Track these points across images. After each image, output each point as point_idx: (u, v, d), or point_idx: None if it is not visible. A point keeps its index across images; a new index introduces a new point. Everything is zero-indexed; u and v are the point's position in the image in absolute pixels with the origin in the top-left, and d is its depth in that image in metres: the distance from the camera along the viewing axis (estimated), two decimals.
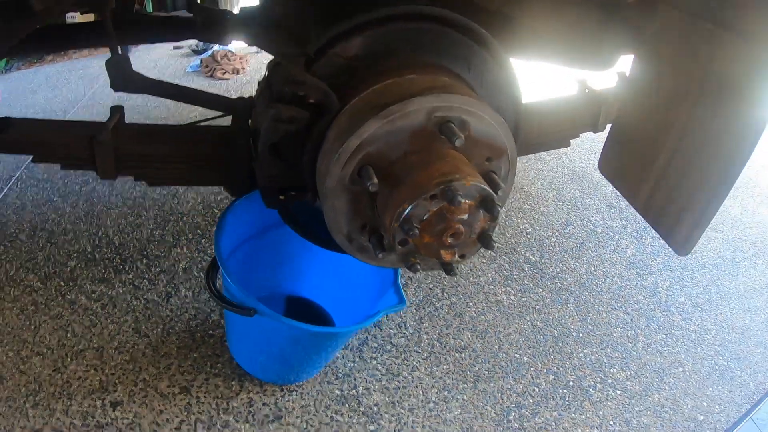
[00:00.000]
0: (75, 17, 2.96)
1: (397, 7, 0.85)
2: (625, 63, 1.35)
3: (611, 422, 1.47)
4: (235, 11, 1.63)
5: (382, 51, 0.86)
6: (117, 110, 1.28)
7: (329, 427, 1.32)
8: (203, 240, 1.89)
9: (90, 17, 2.74)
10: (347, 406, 1.38)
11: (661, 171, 1.28)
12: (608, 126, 1.50)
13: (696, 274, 2.14)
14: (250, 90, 3.06)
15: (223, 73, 3.43)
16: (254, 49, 3.23)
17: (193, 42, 3.68)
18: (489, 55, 0.93)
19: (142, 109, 2.82)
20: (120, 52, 1.28)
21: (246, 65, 3.59)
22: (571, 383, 1.56)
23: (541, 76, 2.81)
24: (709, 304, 1.99)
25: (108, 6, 1.28)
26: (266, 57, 2.69)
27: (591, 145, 2.81)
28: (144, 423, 1.27)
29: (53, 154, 1.21)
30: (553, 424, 1.43)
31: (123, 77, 1.34)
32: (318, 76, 0.86)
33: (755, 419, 1.60)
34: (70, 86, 3.22)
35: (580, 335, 1.73)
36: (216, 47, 3.55)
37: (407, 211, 0.72)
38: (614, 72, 1.45)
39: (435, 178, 0.72)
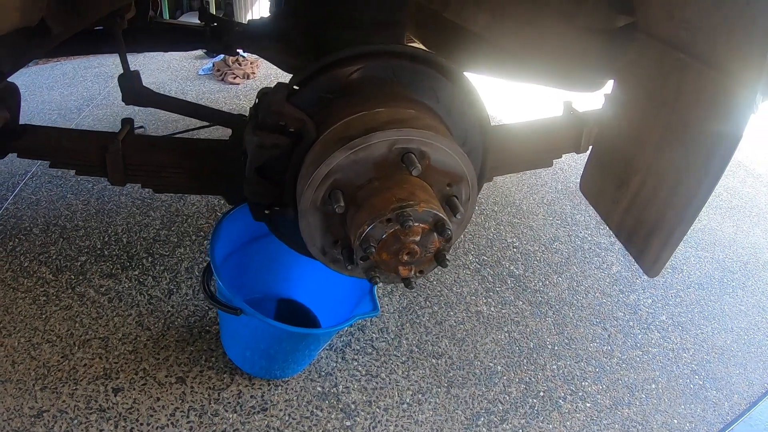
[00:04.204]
0: None
1: (368, 47, 0.95)
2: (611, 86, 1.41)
3: None
4: (245, 21, 1.73)
5: (356, 85, 0.96)
6: (127, 122, 1.40)
7: (309, 421, 1.42)
8: (205, 242, 1.99)
9: None
10: (327, 402, 1.48)
11: (634, 192, 1.35)
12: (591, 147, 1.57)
13: (681, 293, 2.17)
14: None
15: (234, 78, 3.52)
16: None
17: None
18: (456, 87, 1.02)
19: (155, 110, 2.93)
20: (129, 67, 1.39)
21: (257, 70, 3.69)
22: (541, 393, 1.62)
23: (536, 97, 2.84)
24: (690, 323, 2.01)
25: (121, 25, 1.40)
26: None
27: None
28: (142, 408, 1.38)
29: (68, 161, 1.32)
30: (520, 431, 1.49)
31: (134, 92, 1.47)
32: (299, 107, 0.96)
33: None
34: (85, 84, 3.31)
35: (556, 348, 1.79)
36: None
37: (366, 231, 0.82)
38: (602, 94, 1.51)
39: (391, 203, 0.82)
